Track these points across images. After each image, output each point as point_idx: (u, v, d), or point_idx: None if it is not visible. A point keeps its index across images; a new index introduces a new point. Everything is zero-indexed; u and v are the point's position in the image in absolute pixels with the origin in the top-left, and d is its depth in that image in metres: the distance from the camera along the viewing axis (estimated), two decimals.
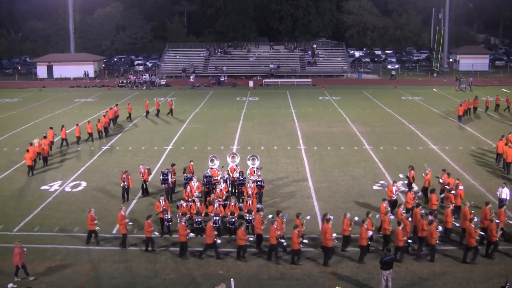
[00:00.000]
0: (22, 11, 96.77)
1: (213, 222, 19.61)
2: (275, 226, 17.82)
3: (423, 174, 23.53)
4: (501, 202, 20.82)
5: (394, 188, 21.64)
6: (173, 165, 24.83)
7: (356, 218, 18.90)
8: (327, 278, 16.94)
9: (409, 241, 18.07)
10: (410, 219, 18.99)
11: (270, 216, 19.39)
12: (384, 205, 19.85)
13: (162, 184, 23.20)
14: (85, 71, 70.89)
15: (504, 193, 21.19)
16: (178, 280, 16.86)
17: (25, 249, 17.23)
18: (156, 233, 19.35)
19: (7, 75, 78.69)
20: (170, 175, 23.13)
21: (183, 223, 18.44)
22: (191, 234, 18.91)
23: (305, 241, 18.14)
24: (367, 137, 35.52)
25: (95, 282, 16.78)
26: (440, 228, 18.31)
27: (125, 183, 23.54)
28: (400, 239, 17.50)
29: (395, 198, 21.54)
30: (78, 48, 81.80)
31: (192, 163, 25.16)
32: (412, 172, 24.03)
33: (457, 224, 19.22)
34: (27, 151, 28.13)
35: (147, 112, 43.41)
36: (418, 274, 17.10)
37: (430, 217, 18.52)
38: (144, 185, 24.40)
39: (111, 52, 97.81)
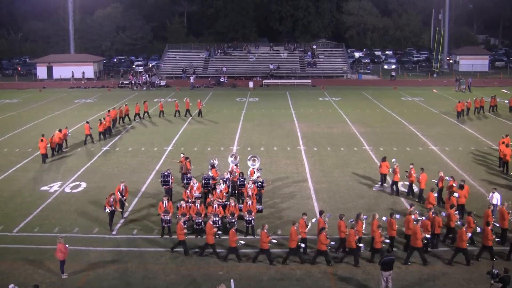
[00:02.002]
0: (22, 12, 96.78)
1: (212, 223, 19.68)
2: (354, 230, 17.70)
3: (390, 170, 24.22)
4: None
5: (435, 195, 21.28)
6: (187, 158, 25.35)
7: (384, 218, 18.93)
8: (327, 278, 16.94)
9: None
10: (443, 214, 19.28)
11: (313, 219, 19.01)
12: (412, 208, 19.58)
13: (163, 185, 23.19)
14: (72, 71, 70.84)
15: (495, 198, 20.99)
16: (178, 281, 16.86)
17: (67, 245, 17.22)
18: (242, 242, 18.51)
19: (7, 75, 78.66)
20: (170, 176, 23.12)
21: (182, 223, 18.47)
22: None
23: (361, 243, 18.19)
24: (367, 138, 35.52)
25: (95, 282, 16.77)
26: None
27: (113, 207, 20.68)
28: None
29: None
30: (78, 49, 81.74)
31: (182, 155, 25.94)
32: (383, 163, 24.67)
33: (497, 224, 19.06)
34: (41, 140, 29.86)
35: (177, 112, 43.64)
36: (418, 275, 17.10)
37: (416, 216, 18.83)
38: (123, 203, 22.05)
39: (111, 52, 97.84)
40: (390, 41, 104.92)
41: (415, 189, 24.02)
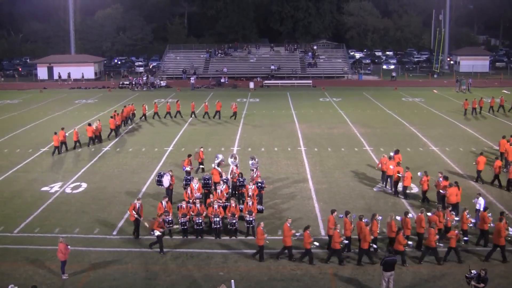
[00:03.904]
0: (23, 13, 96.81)
1: (213, 223, 19.72)
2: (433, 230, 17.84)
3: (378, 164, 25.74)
4: (476, 212, 20.58)
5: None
6: (189, 156, 26.23)
7: (398, 218, 19.05)
8: (328, 279, 16.93)
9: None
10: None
11: (379, 217, 18.85)
12: (449, 210, 19.64)
13: (158, 185, 23.26)
14: (58, 73, 71.13)
15: (478, 203, 20.87)
16: (178, 282, 16.85)
17: (69, 246, 17.24)
18: (317, 244, 18.22)
19: (8, 76, 78.68)
20: (166, 177, 23.09)
21: (261, 227, 18.02)
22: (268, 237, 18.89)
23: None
24: (367, 139, 35.52)
25: (95, 283, 16.76)
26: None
27: (163, 229, 19.06)
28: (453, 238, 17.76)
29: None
30: (78, 50, 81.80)
31: (201, 149, 27.41)
32: (395, 155, 25.92)
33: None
34: (55, 133, 31.97)
35: (206, 113, 43.53)
36: (418, 275, 17.10)
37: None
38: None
39: (112, 53, 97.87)
40: (390, 41, 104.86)
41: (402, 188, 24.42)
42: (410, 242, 18.07)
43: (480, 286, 14.84)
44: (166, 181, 22.93)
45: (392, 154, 26.40)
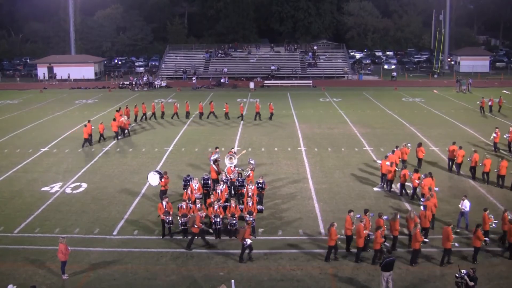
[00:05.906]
0: (23, 13, 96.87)
1: (213, 224, 19.73)
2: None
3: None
4: (462, 215, 20.49)
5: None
6: (216, 148, 26.74)
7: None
8: (328, 279, 16.93)
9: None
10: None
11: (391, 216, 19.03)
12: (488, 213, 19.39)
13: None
14: (44, 73, 71.77)
15: (464, 206, 20.64)
16: (178, 282, 16.86)
17: (69, 248, 17.28)
18: (387, 244, 18.37)
19: (8, 76, 78.70)
20: (154, 175, 23.39)
21: (335, 228, 17.72)
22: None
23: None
24: (367, 139, 35.51)
25: (95, 283, 16.77)
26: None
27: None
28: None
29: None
30: (78, 50, 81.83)
31: (217, 149, 26.50)
32: (418, 148, 27.95)
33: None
34: (85, 126, 33.95)
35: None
36: (418, 275, 17.10)
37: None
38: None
39: (112, 53, 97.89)
40: (390, 42, 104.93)
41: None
42: (487, 238, 18.10)
43: (470, 285, 14.84)
44: (151, 180, 23.35)
45: (394, 149, 27.72)
